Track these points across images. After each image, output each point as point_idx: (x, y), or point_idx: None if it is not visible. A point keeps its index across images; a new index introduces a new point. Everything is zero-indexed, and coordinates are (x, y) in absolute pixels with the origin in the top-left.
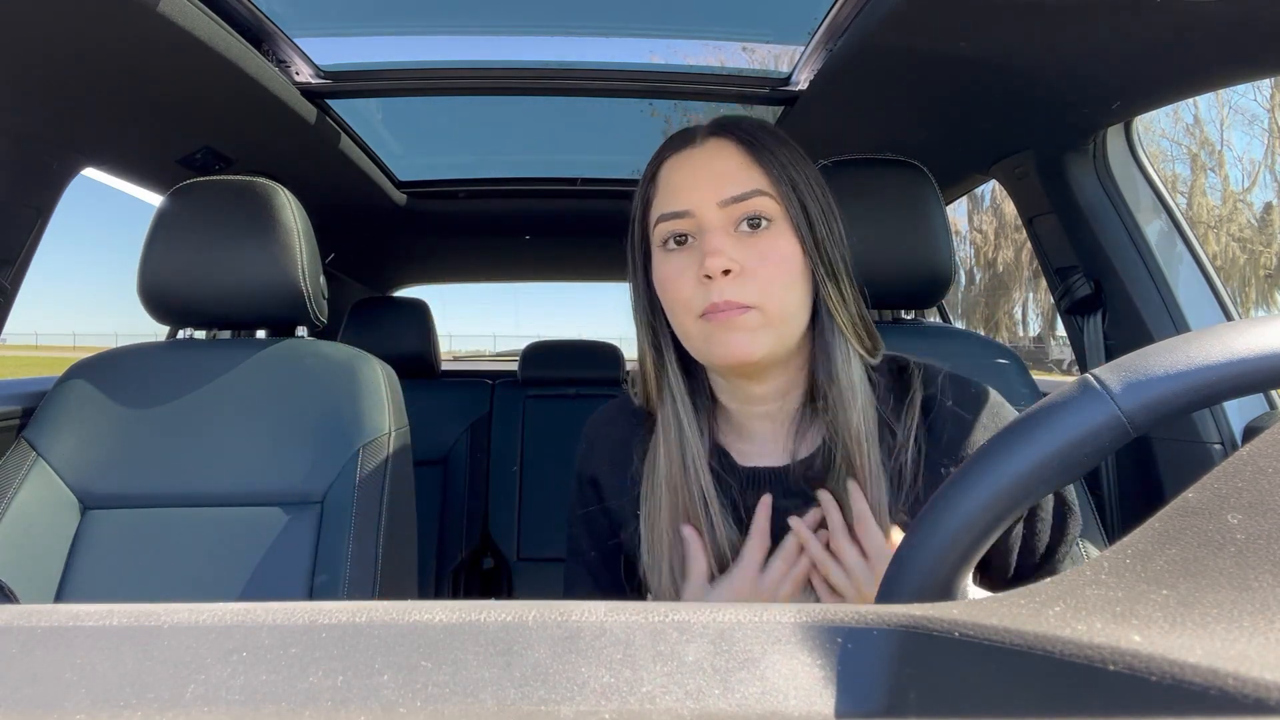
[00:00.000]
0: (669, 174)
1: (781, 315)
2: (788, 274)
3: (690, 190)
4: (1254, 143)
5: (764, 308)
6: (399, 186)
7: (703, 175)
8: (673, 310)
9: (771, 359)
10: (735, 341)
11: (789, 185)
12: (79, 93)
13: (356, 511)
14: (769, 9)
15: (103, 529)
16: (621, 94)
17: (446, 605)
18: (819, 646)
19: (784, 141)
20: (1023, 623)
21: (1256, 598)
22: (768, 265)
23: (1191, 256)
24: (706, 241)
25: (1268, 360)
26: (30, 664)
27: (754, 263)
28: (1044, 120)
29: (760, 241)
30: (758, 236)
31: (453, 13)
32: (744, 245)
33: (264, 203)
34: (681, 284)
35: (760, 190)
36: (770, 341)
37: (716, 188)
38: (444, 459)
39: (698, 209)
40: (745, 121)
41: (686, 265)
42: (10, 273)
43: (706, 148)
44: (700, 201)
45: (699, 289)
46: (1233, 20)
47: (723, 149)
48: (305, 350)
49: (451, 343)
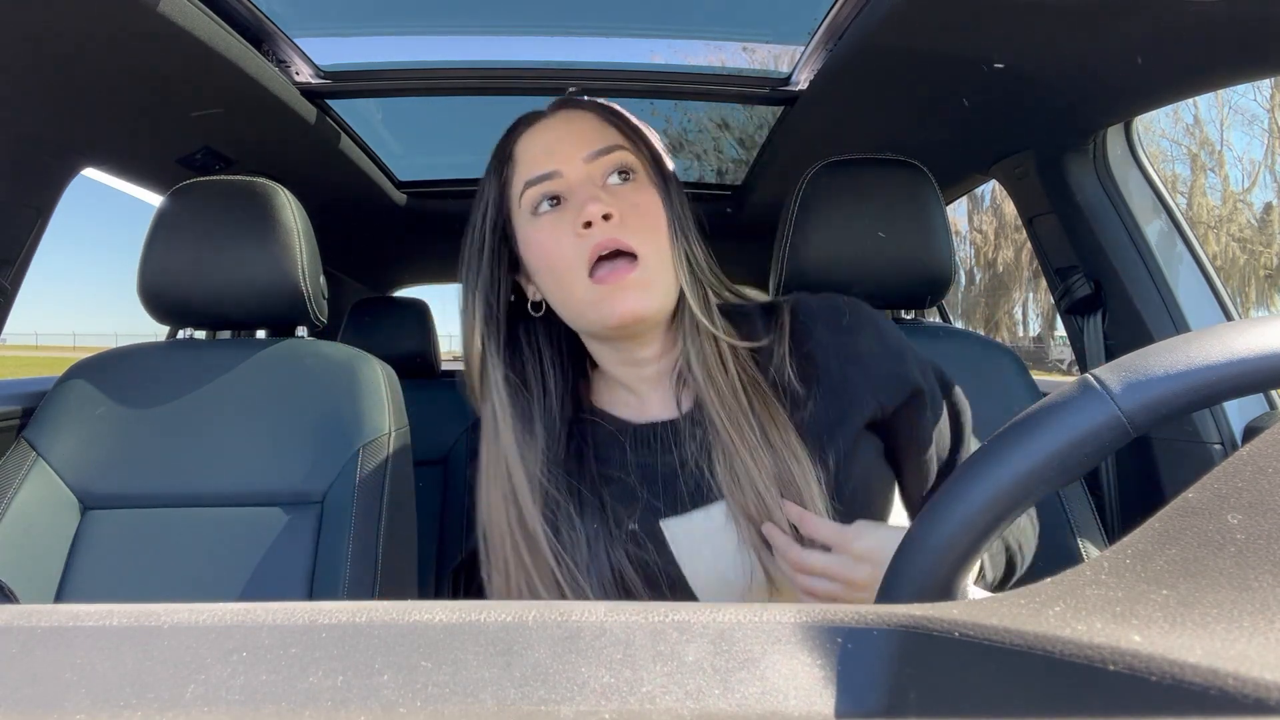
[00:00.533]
0: (527, 145)
1: (663, 265)
2: (660, 223)
3: (554, 152)
4: (1254, 143)
5: (646, 257)
6: (399, 186)
7: (564, 137)
8: (558, 277)
9: (660, 314)
10: (628, 300)
11: (645, 144)
12: (79, 93)
13: (356, 511)
14: (769, 9)
15: (103, 529)
16: (621, 94)
17: (446, 605)
18: (819, 646)
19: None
20: (1023, 623)
21: (1256, 598)
22: (641, 213)
23: (1191, 256)
24: (580, 192)
25: (1268, 360)
26: (30, 664)
27: (629, 211)
28: (1044, 120)
29: (630, 192)
30: (627, 187)
31: (453, 13)
32: (616, 195)
33: (264, 203)
34: (561, 244)
35: (621, 145)
36: (659, 296)
37: (580, 145)
38: (444, 459)
39: (564, 166)
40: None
41: (560, 224)
42: (10, 273)
43: (559, 117)
44: (566, 159)
45: (579, 242)
46: (1233, 20)
47: (576, 115)
48: (305, 350)
49: (452, 343)
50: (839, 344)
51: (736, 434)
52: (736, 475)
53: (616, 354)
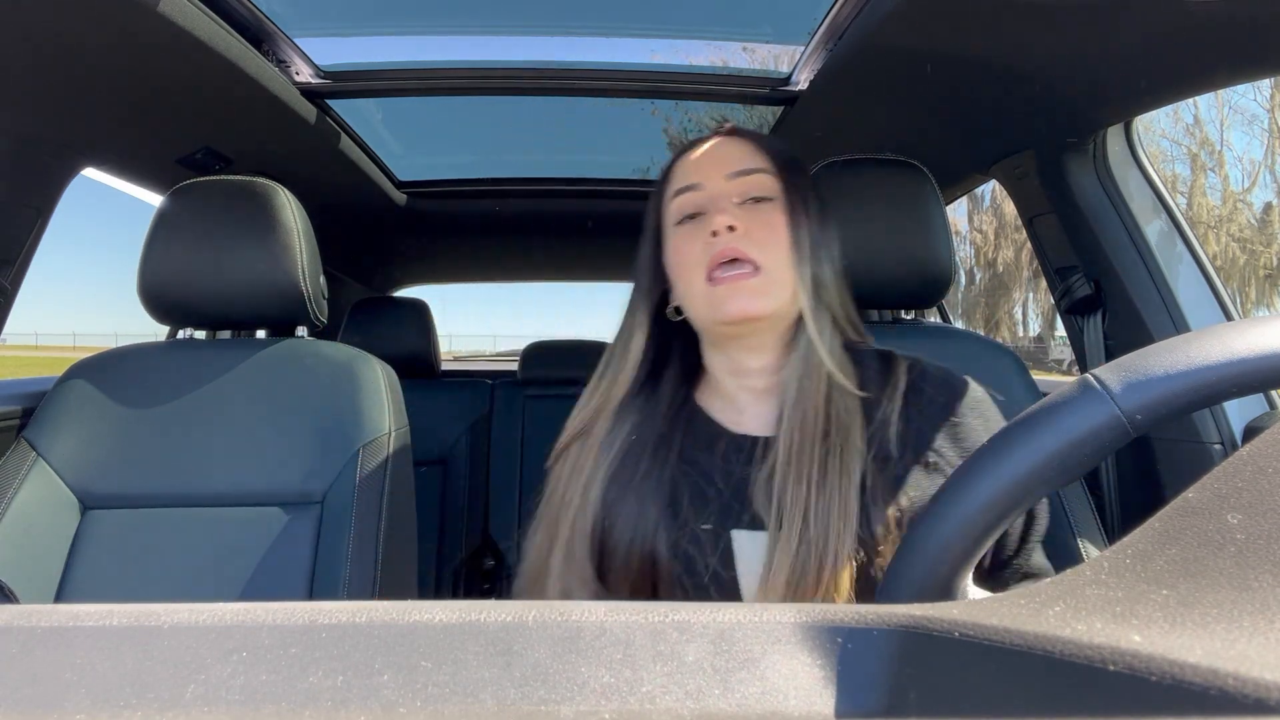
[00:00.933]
0: (682, 164)
1: (781, 278)
2: (784, 242)
3: (701, 168)
4: (1254, 143)
5: (766, 268)
6: (399, 186)
7: (713, 156)
8: (681, 273)
9: (771, 319)
10: (740, 299)
11: (790, 173)
12: (79, 93)
13: (356, 511)
14: (769, 9)
15: (103, 529)
16: (621, 94)
17: (446, 605)
18: (819, 646)
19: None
20: (1023, 623)
21: (1256, 598)
22: (767, 230)
23: (1191, 256)
24: (713, 205)
25: (1268, 360)
26: (30, 664)
27: (756, 228)
28: (1044, 120)
29: (761, 213)
30: (761, 208)
31: (453, 13)
32: (747, 213)
33: (264, 203)
34: (690, 248)
35: (763, 169)
36: (771, 302)
37: (725, 164)
38: (444, 459)
39: (707, 180)
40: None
41: (694, 232)
42: (10, 273)
43: (718, 141)
44: (709, 174)
45: (705, 248)
46: (1233, 20)
47: (733, 141)
48: (305, 350)
49: (451, 343)
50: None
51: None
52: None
53: (727, 362)
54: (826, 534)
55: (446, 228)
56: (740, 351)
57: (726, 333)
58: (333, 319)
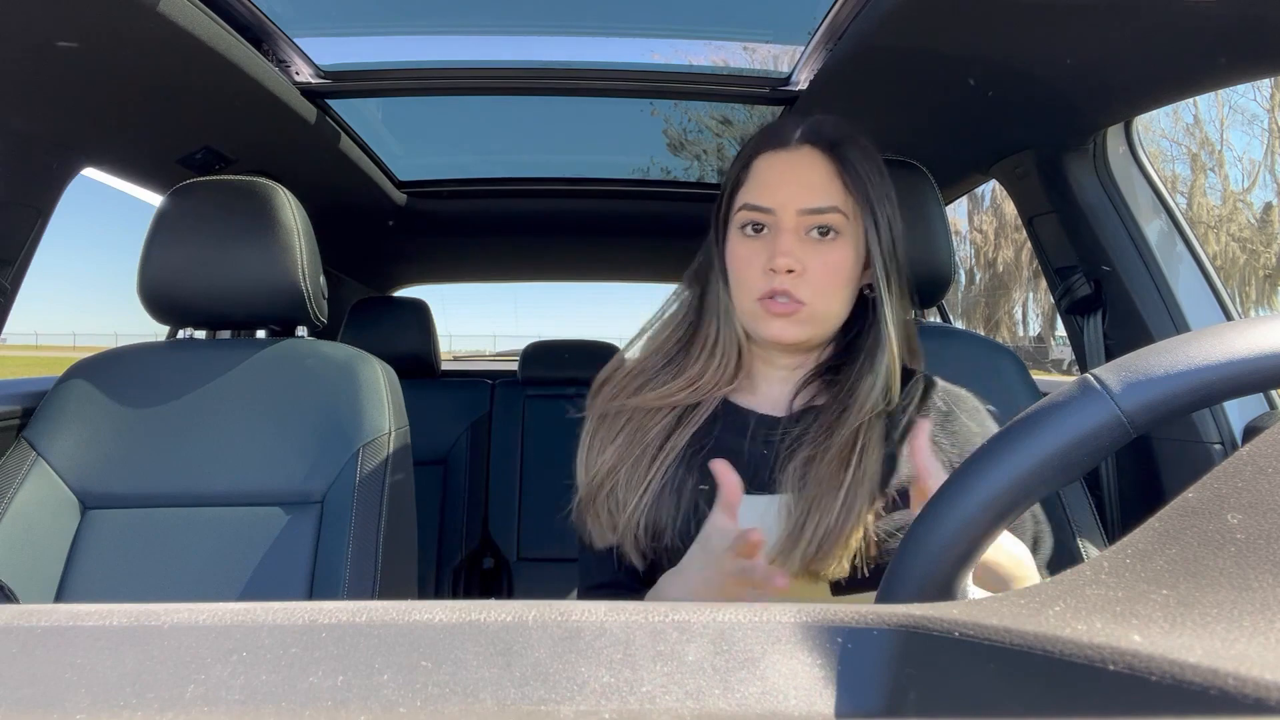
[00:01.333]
0: (761, 169)
1: (825, 315)
2: (840, 282)
3: (776, 191)
4: (1254, 143)
5: (813, 306)
6: (399, 186)
7: (790, 180)
8: (737, 286)
9: (804, 346)
10: (780, 327)
11: (865, 204)
12: (79, 93)
13: (356, 511)
14: (769, 9)
15: (103, 529)
16: (622, 94)
17: (446, 605)
18: (819, 646)
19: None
20: (1023, 623)
21: (1256, 598)
22: (825, 272)
23: (1191, 256)
24: (780, 240)
25: (1268, 360)
26: (30, 664)
27: (815, 266)
28: (1044, 120)
29: (824, 249)
30: (823, 244)
31: (453, 13)
32: (810, 249)
33: (264, 203)
34: (750, 268)
35: (837, 207)
36: (808, 333)
37: (800, 195)
38: (444, 459)
39: (780, 210)
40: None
41: (757, 252)
42: (10, 273)
43: (800, 154)
44: (783, 203)
45: (763, 276)
46: (1233, 20)
47: (813, 159)
48: (305, 350)
49: (451, 343)
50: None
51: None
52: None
53: (761, 350)
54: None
55: (446, 228)
56: (777, 352)
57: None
58: (333, 319)
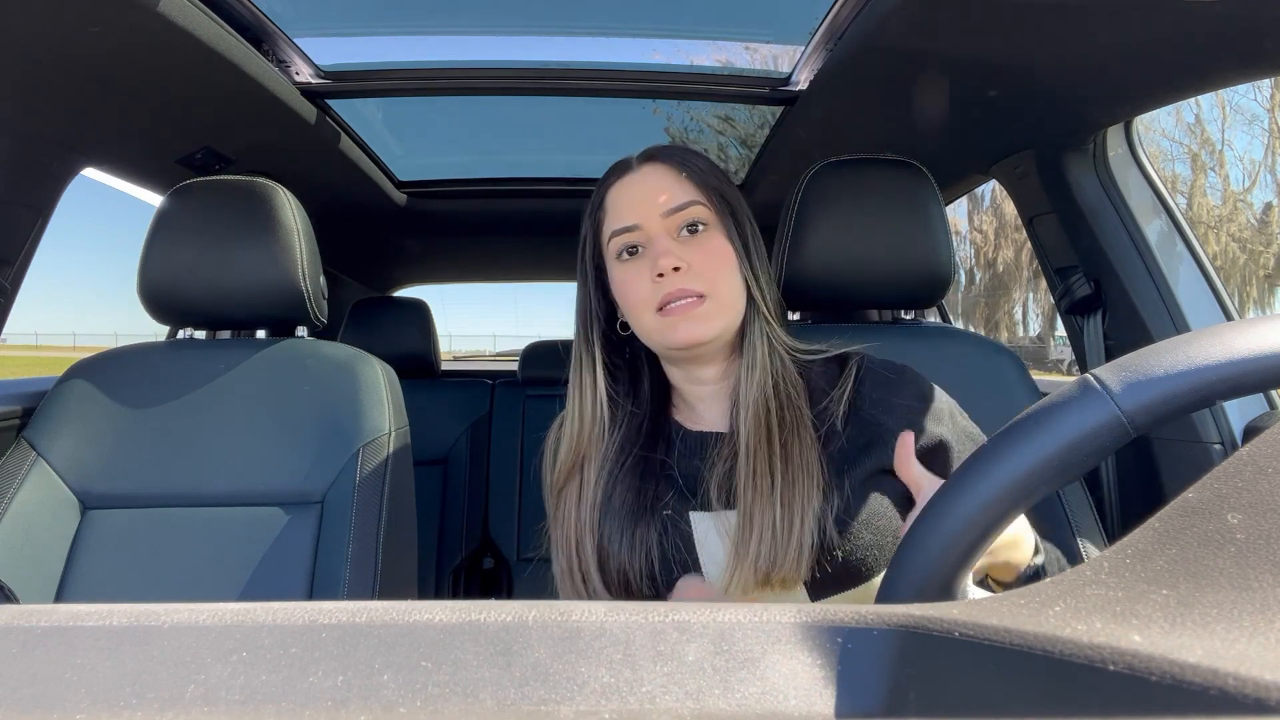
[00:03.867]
0: (615, 198)
1: (726, 302)
2: (727, 266)
3: (635, 207)
4: (1254, 143)
5: (714, 294)
6: (399, 186)
7: (644, 194)
8: (632, 310)
9: (719, 340)
10: (689, 328)
11: (718, 195)
12: (79, 93)
13: (356, 511)
14: (769, 9)
15: (103, 529)
16: (622, 94)
17: (446, 605)
18: (819, 646)
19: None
20: (1023, 623)
21: (1256, 598)
22: (710, 260)
23: (1191, 256)
24: (655, 246)
25: (1267, 360)
26: (30, 664)
27: (698, 260)
28: (1044, 120)
29: (700, 242)
30: (698, 239)
31: (453, 13)
32: (687, 247)
33: (264, 203)
34: (638, 286)
35: (695, 200)
36: (719, 326)
37: (658, 203)
38: (444, 459)
39: (644, 221)
40: (673, 148)
41: (640, 270)
42: (10, 273)
43: (643, 172)
44: (646, 215)
45: (653, 287)
46: (1233, 20)
47: (657, 171)
48: (305, 350)
49: (451, 343)
50: (881, 397)
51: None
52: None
53: (682, 372)
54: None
55: (446, 228)
56: (693, 365)
57: (679, 355)
58: (333, 319)
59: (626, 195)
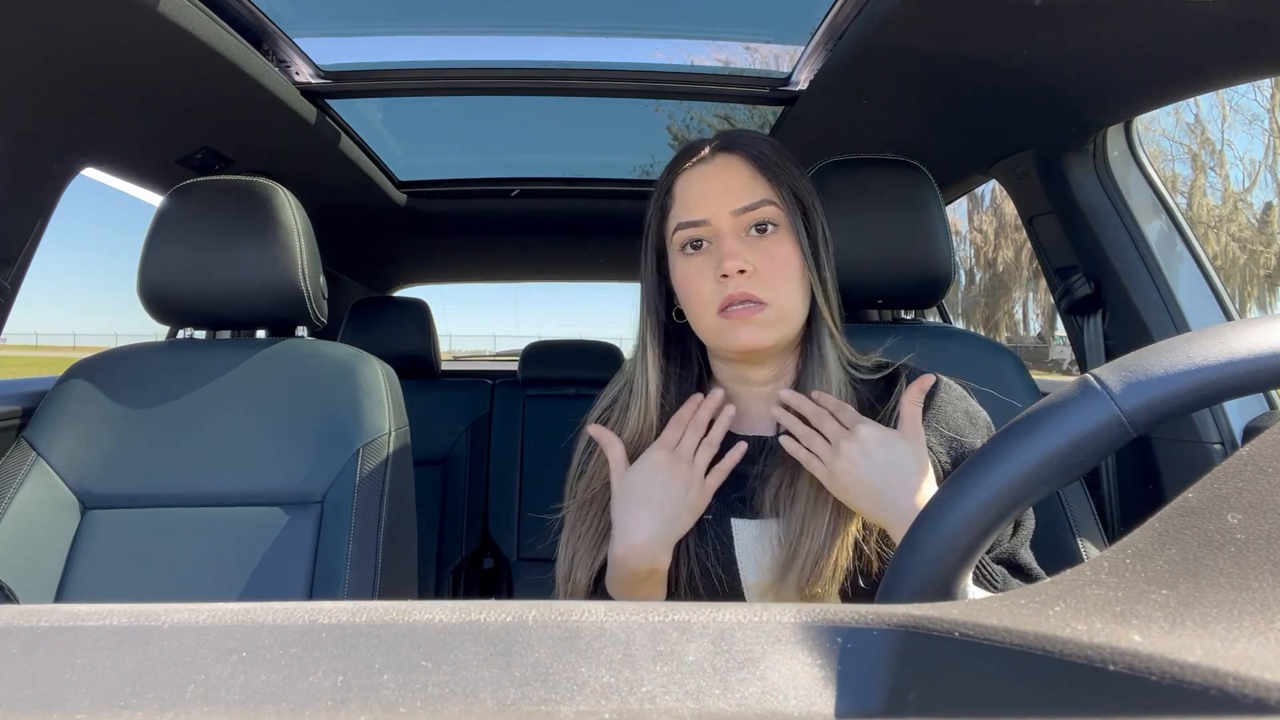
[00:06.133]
0: (684, 187)
1: (789, 311)
2: (792, 273)
3: (705, 201)
4: (1254, 143)
5: (775, 304)
6: (399, 186)
7: (716, 188)
8: (692, 307)
9: (776, 349)
10: (749, 333)
11: (791, 195)
12: (79, 93)
13: (356, 511)
14: (769, 9)
15: (103, 529)
16: (622, 94)
17: (446, 605)
18: (819, 646)
19: (785, 155)
20: (1023, 623)
21: (1256, 598)
22: (775, 265)
23: (1191, 256)
24: (722, 245)
25: (1267, 360)
26: (30, 664)
27: (764, 263)
28: (1044, 120)
29: (768, 244)
30: (765, 240)
31: (453, 13)
32: (754, 248)
33: (264, 203)
34: (701, 284)
35: (767, 200)
36: (778, 334)
37: (729, 199)
38: (444, 459)
39: (713, 218)
40: (749, 136)
41: (703, 267)
42: (10, 273)
43: (716, 163)
44: (715, 211)
45: (717, 287)
46: (1233, 20)
47: (731, 163)
48: (305, 350)
49: (451, 343)
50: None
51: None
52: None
53: (732, 371)
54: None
55: (446, 228)
56: (744, 366)
57: (735, 357)
58: (333, 319)
59: (696, 186)
